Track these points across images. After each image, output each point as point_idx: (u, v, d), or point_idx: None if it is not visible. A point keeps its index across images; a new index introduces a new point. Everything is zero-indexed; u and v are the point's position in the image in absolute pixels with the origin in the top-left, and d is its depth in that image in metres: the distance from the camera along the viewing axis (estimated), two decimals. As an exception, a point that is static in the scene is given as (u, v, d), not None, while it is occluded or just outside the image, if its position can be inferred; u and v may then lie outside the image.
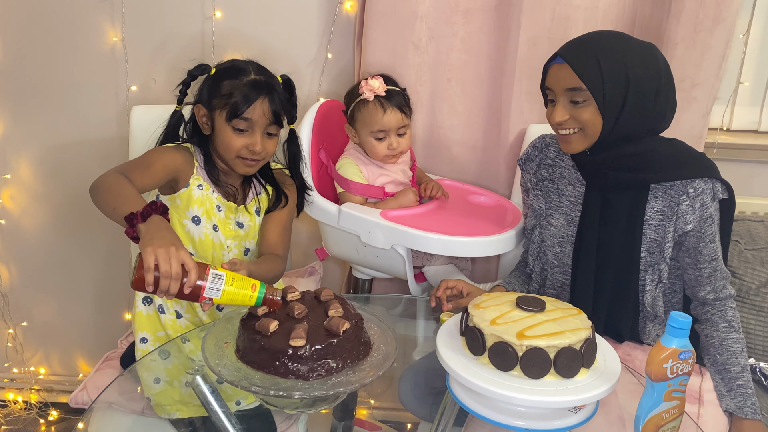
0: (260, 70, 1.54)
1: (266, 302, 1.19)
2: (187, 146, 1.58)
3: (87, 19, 2.01)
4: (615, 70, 1.34)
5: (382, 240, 1.66)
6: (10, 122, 2.12)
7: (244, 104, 1.47)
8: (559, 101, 1.40)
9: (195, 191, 1.53)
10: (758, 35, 2.03)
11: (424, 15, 1.87)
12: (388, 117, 1.72)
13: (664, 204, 1.43)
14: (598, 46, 1.37)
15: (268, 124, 1.51)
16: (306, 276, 2.01)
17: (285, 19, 2.00)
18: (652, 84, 1.37)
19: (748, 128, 2.12)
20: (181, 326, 1.57)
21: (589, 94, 1.36)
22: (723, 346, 1.44)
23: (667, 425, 1.09)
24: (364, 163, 1.79)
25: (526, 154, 1.64)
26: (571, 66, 1.36)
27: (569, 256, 1.53)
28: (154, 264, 1.13)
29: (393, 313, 1.76)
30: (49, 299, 2.30)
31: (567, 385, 1.10)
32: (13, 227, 2.22)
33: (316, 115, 1.79)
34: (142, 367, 1.46)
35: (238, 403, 1.34)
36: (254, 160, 1.52)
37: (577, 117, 1.39)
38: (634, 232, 1.44)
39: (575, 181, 1.53)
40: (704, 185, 1.40)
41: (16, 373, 2.38)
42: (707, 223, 1.41)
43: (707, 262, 1.44)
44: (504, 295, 1.25)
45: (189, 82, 1.58)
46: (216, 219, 1.55)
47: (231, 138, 1.50)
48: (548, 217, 1.57)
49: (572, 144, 1.42)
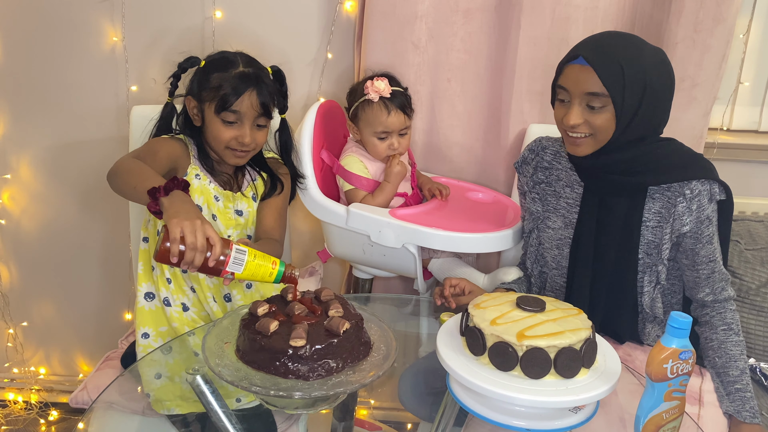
0: (249, 61, 1.56)
1: (285, 279, 1.24)
2: (181, 137, 1.59)
3: (87, 19, 2.01)
4: (636, 78, 1.33)
5: (393, 239, 1.67)
6: (10, 122, 2.12)
7: (232, 97, 1.49)
8: (574, 103, 1.38)
9: (194, 181, 1.54)
10: (758, 35, 2.03)
11: (423, 15, 1.87)
12: (392, 119, 1.74)
13: (661, 206, 1.43)
14: (620, 51, 1.35)
15: (256, 116, 1.53)
16: (306, 276, 2.01)
17: (285, 19, 2.00)
18: (664, 90, 1.37)
19: (748, 128, 2.12)
20: (188, 319, 1.56)
21: (609, 100, 1.34)
22: (722, 349, 1.44)
23: (668, 425, 1.09)
24: (368, 159, 1.81)
25: (523, 158, 1.63)
26: (596, 71, 1.33)
27: (567, 258, 1.53)
28: (180, 236, 1.16)
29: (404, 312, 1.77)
30: (49, 299, 2.30)
31: (567, 385, 1.10)
32: (13, 227, 2.22)
33: (316, 116, 1.79)
34: (143, 363, 1.46)
35: (238, 400, 1.34)
36: (244, 151, 1.55)
37: (591, 122, 1.37)
38: (631, 234, 1.44)
39: (573, 183, 1.52)
40: (701, 187, 1.40)
41: (17, 373, 2.38)
42: (704, 225, 1.41)
43: (705, 263, 1.43)
44: (504, 295, 1.25)
45: (179, 74, 1.60)
46: (215, 209, 1.56)
47: (220, 130, 1.52)
48: (546, 220, 1.57)
49: (581, 147, 1.41)
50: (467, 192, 1.93)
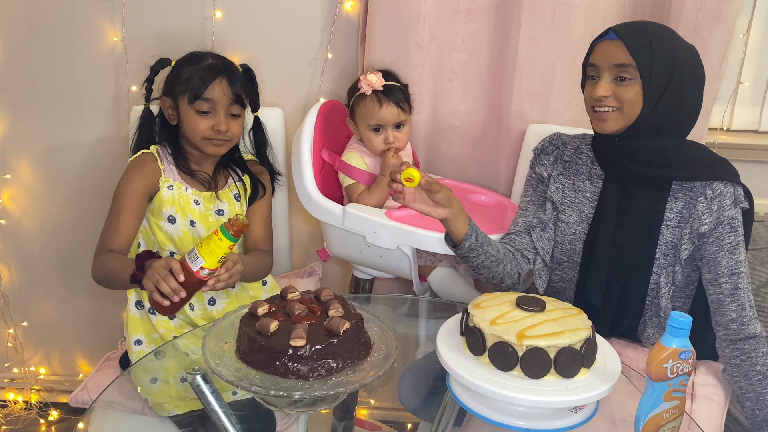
0: (218, 57, 1.62)
1: (236, 232, 1.31)
2: (150, 152, 1.61)
3: (87, 19, 2.01)
4: (664, 55, 1.34)
5: (387, 240, 1.66)
6: (10, 122, 2.12)
7: (203, 85, 1.53)
8: (603, 77, 1.38)
9: (165, 192, 1.57)
10: (758, 35, 2.03)
11: (426, 15, 1.87)
12: (384, 111, 1.75)
13: (683, 205, 1.42)
14: (650, 30, 1.37)
15: (229, 103, 1.56)
16: (305, 276, 2.01)
17: (285, 19, 2.00)
18: (692, 79, 1.38)
19: (748, 128, 2.12)
20: (174, 326, 1.60)
21: (636, 72, 1.35)
22: (761, 401, 1.37)
23: (668, 425, 1.09)
24: (368, 155, 1.82)
25: (542, 147, 1.59)
26: (624, 42, 1.35)
27: (579, 253, 1.51)
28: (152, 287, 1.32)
29: (399, 312, 1.76)
30: (49, 299, 2.30)
31: (567, 385, 1.10)
32: (13, 227, 2.22)
33: (318, 115, 1.79)
34: (138, 369, 1.47)
35: (234, 393, 1.35)
36: (221, 140, 1.57)
37: (620, 95, 1.37)
38: (651, 231, 1.43)
39: (593, 177, 1.51)
40: (723, 188, 1.39)
41: (17, 373, 2.38)
42: (725, 230, 1.39)
43: (727, 275, 1.38)
44: (504, 295, 1.25)
45: (153, 77, 1.65)
46: (195, 214, 1.59)
47: (196, 121, 1.55)
48: (560, 213, 1.54)
49: (608, 122, 1.40)
50: (469, 194, 1.93)
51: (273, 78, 1.98)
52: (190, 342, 1.49)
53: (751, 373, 1.38)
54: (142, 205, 1.56)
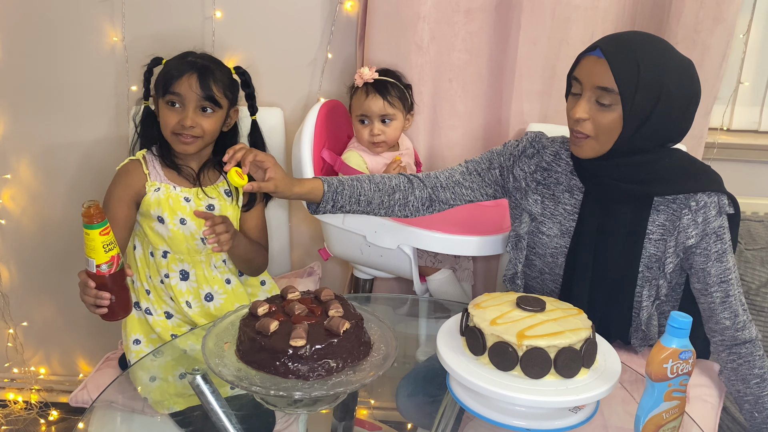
0: (204, 56, 1.63)
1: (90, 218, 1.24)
2: (136, 158, 1.62)
3: (87, 19, 2.00)
4: (651, 80, 1.26)
5: (388, 240, 1.67)
6: (10, 122, 2.12)
7: (171, 79, 1.55)
8: (584, 96, 1.32)
9: (152, 194, 1.58)
10: (758, 35, 2.03)
11: (426, 15, 1.87)
12: (369, 102, 1.77)
13: (665, 218, 1.37)
14: (640, 49, 1.29)
15: (198, 99, 1.55)
16: (305, 276, 2.01)
17: (285, 19, 1.99)
18: (682, 102, 1.31)
19: (748, 128, 2.12)
20: (172, 326, 1.61)
21: (618, 98, 1.28)
22: (760, 404, 1.37)
23: (668, 425, 1.09)
24: (368, 154, 1.82)
25: (523, 148, 1.50)
26: (609, 63, 1.27)
27: (561, 267, 1.46)
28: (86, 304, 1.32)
29: (399, 312, 1.76)
30: (49, 299, 2.30)
31: (567, 385, 1.10)
32: (13, 227, 2.22)
33: (318, 115, 1.79)
34: (137, 368, 1.48)
35: (232, 387, 1.35)
36: (188, 135, 1.56)
37: (598, 120, 1.31)
38: (633, 246, 1.38)
39: (573, 188, 1.45)
40: (707, 199, 1.34)
41: (17, 373, 2.38)
42: (712, 240, 1.35)
43: (717, 284, 1.36)
44: (504, 295, 1.25)
45: (148, 76, 1.66)
46: (186, 212, 1.59)
47: (165, 114, 1.57)
48: (540, 225, 1.48)
49: (583, 149, 1.35)
50: None
51: (273, 78, 1.98)
52: (188, 338, 1.50)
53: (748, 377, 1.38)
54: (129, 213, 1.57)
